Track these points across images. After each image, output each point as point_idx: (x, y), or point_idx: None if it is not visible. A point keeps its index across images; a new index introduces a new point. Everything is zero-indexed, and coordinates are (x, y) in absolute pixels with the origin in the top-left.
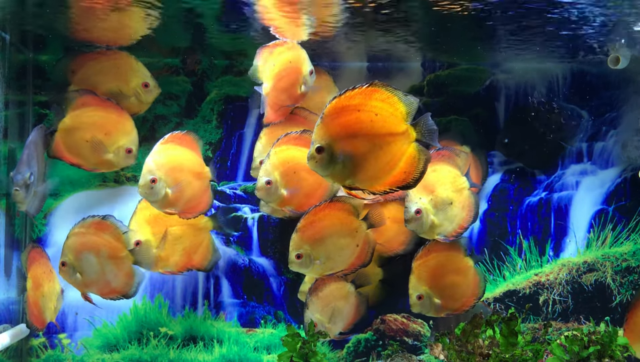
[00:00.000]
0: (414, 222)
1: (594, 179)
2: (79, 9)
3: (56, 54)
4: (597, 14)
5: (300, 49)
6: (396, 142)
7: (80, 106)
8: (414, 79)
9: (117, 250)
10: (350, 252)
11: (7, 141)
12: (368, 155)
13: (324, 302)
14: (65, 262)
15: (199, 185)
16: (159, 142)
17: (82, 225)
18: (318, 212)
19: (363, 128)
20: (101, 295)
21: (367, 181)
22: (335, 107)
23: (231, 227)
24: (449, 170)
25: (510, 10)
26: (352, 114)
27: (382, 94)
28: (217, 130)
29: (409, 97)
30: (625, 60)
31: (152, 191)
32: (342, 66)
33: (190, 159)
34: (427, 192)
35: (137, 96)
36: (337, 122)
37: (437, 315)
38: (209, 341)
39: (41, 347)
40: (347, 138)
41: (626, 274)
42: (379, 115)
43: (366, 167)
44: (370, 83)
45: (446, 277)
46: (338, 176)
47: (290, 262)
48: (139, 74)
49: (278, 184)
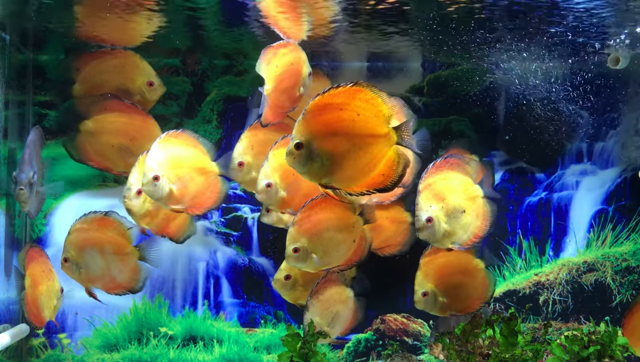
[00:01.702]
0: (425, 231)
1: (594, 179)
2: (82, 12)
3: (56, 54)
4: (597, 13)
5: (300, 50)
6: (376, 144)
7: (104, 111)
8: (414, 79)
9: (122, 246)
10: (347, 247)
11: (7, 141)
12: (347, 155)
13: (324, 306)
14: (68, 258)
15: (202, 180)
16: (156, 142)
17: (84, 221)
18: (315, 206)
19: (344, 127)
20: (106, 290)
21: (344, 180)
22: (318, 105)
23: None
24: (459, 178)
25: (510, 10)
26: (334, 112)
27: (367, 94)
28: (217, 130)
29: (393, 99)
30: (625, 60)
31: (156, 188)
32: (342, 66)
33: (189, 155)
34: (437, 200)
35: (142, 94)
36: (318, 119)
37: (441, 314)
38: (209, 341)
39: (41, 347)
40: (327, 136)
41: (626, 274)
42: (361, 116)
43: (344, 167)
44: (355, 83)
45: (453, 277)
46: (315, 174)
47: (287, 256)
48: (144, 72)
49: (278, 186)
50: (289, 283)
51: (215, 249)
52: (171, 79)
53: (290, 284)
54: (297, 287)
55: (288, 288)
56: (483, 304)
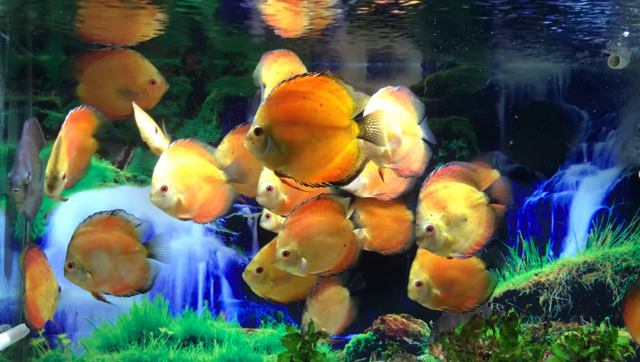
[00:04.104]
0: (426, 240)
1: (594, 179)
2: (83, 11)
3: (56, 54)
4: (597, 13)
5: (299, 62)
6: (336, 137)
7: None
8: (414, 79)
9: (129, 245)
10: (337, 251)
11: (7, 141)
12: (305, 146)
13: (323, 306)
14: (73, 263)
15: (210, 188)
16: (165, 151)
17: (89, 223)
18: (305, 209)
19: (305, 117)
20: (114, 293)
21: (300, 171)
22: (282, 91)
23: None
24: (461, 186)
25: (510, 10)
26: (297, 100)
27: (332, 85)
28: (217, 131)
29: (359, 93)
30: (625, 60)
31: (164, 198)
32: (342, 66)
33: (198, 164)
34: (438, 209)
35: (144, 93)
36: (280, 106)
37: (434, 307)
38: (209, 341)
39: (41, 347)
40: (287, 124)
41: (626, 274)
42: (324, 106)
43: (301, 157)
44: (321, 72)
45: (450, 271)
46: (272, 161)
47: (277, 260)
48: (146, 71)
49: (278, 189)
50: (260, 276)
51: (215, 249)
52: (171, 79)
53: (262, 278)
54: (268, 281)
55: (259, 281)
56: (478, 304)
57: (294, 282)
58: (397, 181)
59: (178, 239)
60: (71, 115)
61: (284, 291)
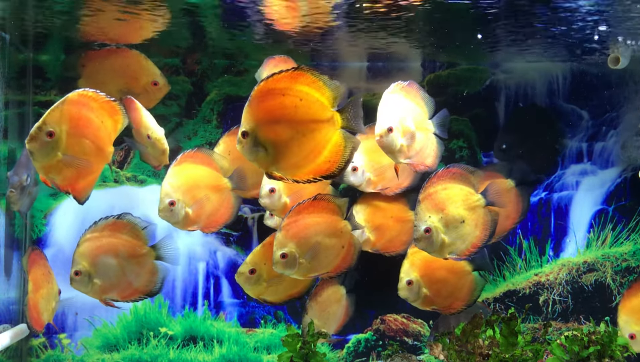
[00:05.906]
0: (423, 241)
1: (594, 179)
2: (84, 13)
3: (56, 54)
4: (597, 13)
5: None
6: (320, 130)
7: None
8: (414, 79)
9: (137, 248)
10: (335, 252)
11: (7, 141)
12: (290, 143)
13: (322, 307)
14: (79, 271)
15: (217, 197)
16: (172, 165)
17: (94, 229)
18: (302, 210)
19: (286, 114)
20: (122, 299)
21: (290, 168)
22: (262, 90)
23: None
24: (460, 188)
25: (510, 9)
26: (277, 98)
27: (308, 78)
28: (217, 131)
29: (335, 82)
30: (625, 60)
31: (172, 213)
32: (342, 66)
33: (205, 175)
34: (436, 211)
35: (146, 94)
36: (261, 106)
37: (423, 307)
38: (209, 341)
39: (41, 347)
40: (270, 123)
41: (626, 274)
42: (303, 101)
43: (288, 155)
44: (296, 67)
45: (439, 272)
46: (263, 162)
47: (275, 262)
48: (148, 72)
49: (281, 191)
50: (253, 277)
51: (215, 249)
52: (171, 79)
53: (255, 279)
54: (261, 283)
55: (252, 282)
56: (465, 306)
57: (288, 283)
58: (402, 175)
59: (178, 239)
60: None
61: (278, 291)
